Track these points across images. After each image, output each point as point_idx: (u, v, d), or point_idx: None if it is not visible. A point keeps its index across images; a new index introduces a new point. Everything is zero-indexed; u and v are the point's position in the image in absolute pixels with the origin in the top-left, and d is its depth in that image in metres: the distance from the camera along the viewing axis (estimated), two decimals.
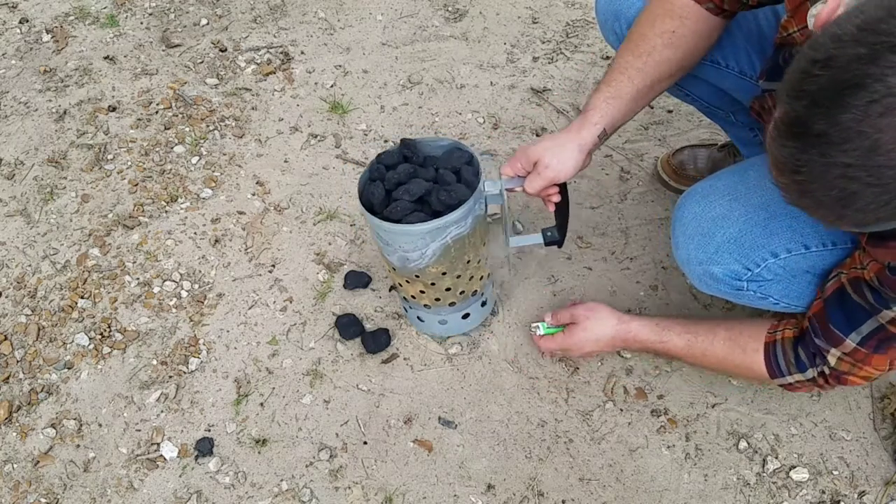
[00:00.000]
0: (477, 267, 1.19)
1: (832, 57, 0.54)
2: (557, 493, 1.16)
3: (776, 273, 0.95)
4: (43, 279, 1.48)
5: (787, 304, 1.01)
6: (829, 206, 0.60)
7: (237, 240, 1.53)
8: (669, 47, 1.00)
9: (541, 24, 1.97)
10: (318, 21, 2.04)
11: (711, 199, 0.98)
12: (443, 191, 1.08)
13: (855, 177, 0.56)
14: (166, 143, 1.72)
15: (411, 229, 1.03)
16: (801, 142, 0.58)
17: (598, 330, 1.16)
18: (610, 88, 1.03)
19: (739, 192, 0.97)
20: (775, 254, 0.94)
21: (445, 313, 1.25)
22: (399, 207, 1.07)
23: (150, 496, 1.18)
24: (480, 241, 1.16)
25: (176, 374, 1.32)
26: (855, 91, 0.53)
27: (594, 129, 1.03)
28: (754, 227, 0.94)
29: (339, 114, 1.77)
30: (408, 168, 1.11)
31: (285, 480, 1.19)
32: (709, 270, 0.98)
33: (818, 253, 0.94)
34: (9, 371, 1.34)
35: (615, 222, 1.52)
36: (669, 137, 1.67)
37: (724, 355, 1.06)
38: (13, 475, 1.22)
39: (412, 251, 1.07)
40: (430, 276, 1.14)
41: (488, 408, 1.26)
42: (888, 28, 0.52)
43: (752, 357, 1.02)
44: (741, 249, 0.95)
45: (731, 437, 1.21)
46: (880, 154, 0.54)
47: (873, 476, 1.15)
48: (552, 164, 1.02)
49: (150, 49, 1.97)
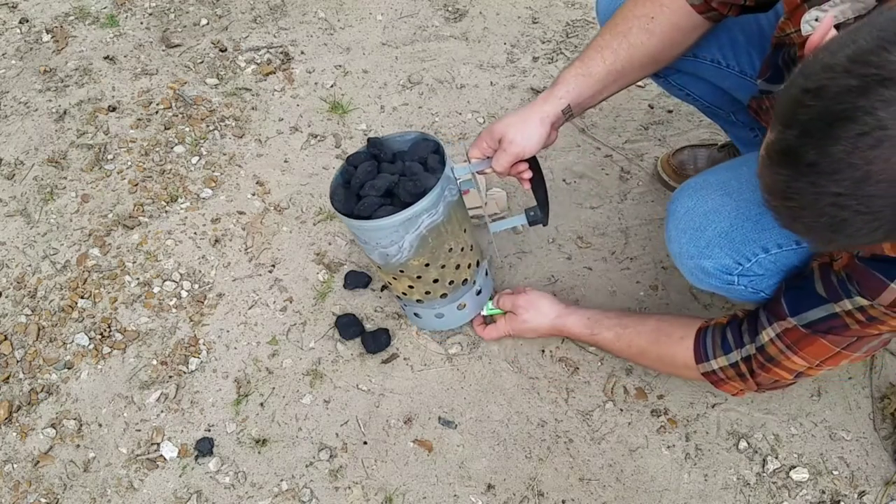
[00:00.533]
0: (461, 255, 1.17)
1: (823, 87, 0.55)
2: (557, 493, 1.16)
3: (767, 268, 0.95)
4: (43, 279, 1.48)
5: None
6: (819, 232, 0.61)
7: (237, 240, 1.53)
8: (645, 32, 1.00)
9: (541, 24, 1.97)
10: (318, 21, 2.04)
11: (704, 194, 0.99)
12: (409, 181, 1.07)
13: (846, 205, 0.57)
14: (166, 143, 1.72)
15: (382, 223, 1.03)
16: (792, 170, 0.59)
17: (535, 322, 1.23)
18: (583, 65, 1.03)
19: (732, 188, 0.97)
20: (766, 249, 0.94)
21: (440, 306, 1.24)
22: (367, 203, 1.07)
23: (150, 496, 1.18)
24: (459, 228, 1.14)
25: (176, 374, 1.32)
26: (845, 123, 0.54)
27: (558, 103, 1.02)
28: (745, 222, 0.94)
29: (339, 114, 1.77)
30: (368, 166, 1.11)
31: (285, 480, 1.19)
32: (700, 264, 0.98)
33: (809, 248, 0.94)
34: (9, 371, 1.34)
35: (615, 222, 1.52)
36: (669, 137, 1.67)
37: (648, 344, 1.09)
38: (13, 475, 1.22)
39: (389, 246, 1.07)
40: (413, 270, 1.13)
41: (488, 408, 1.26)
42: (878, 60, 0.52)
43: (679, 344, 1.04)
44: (732, 244, 0.95)
45: (731, 437, 1.21)
46: (870, 185, 0.55)
47: (873, 476, 1.16)
48: (516, 139, 1.02)
49: (150, 49, 1.97)
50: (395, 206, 1.07)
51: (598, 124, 1.72)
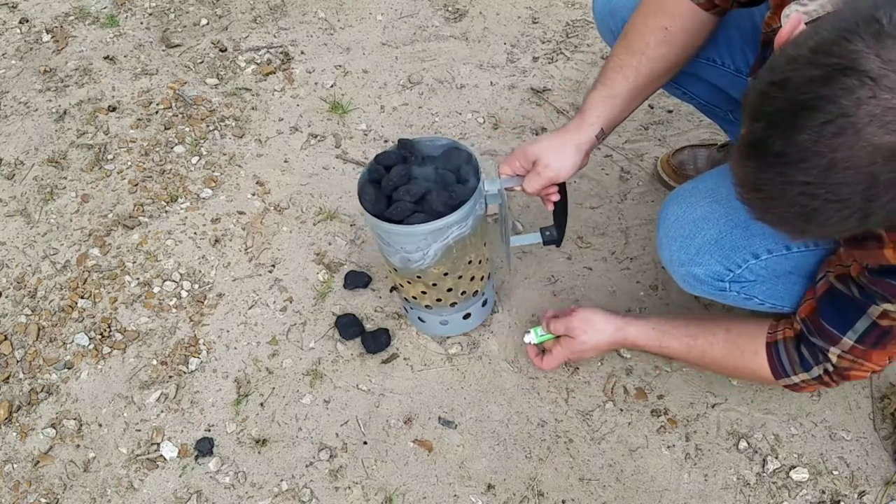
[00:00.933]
0: (478, 267, 1.19)
1: (787, 79, 0.56)
2: (557, 493, 1.16)
3: (759, 274, 0.95)
4: (43, 279, 1.48)
5: (773, 305, 1.01)
6: (791, 222, 0.62)
7: (237, 240, 1.53)
8: (663, 45, 1.01)
9: (541, 24, 1.98)
10: (318, 21, 2.04)
11: (693, 201, 0.99)
12: (444, 191, 1.08)
13: (815, 194, 0.57)
14: (166, 143, 1.72)
15: (413, 230, 1.03)
16: (760, 162, 0.59)
17: (594, 340, 1.15)
18: (606, 87, 1.03)
19: (721, 195, 0.97)
20: (756, 255, 0.94)
21: (447, 314, 1.25)
22: (400, 208, 1.07)
23: (150, 496, 1.18)
24: (481, 242, 1.16)
25: (176, 374, 1.32)
26: (810, 113, 0.54)
27: (592, 130, 1.03)
28: (734, 229, 0.94)
29: (339, 114, 1.77)
30: (402, 170, 1.11)
31: (285, 480, 1.19)
32: (691, 271, 0.98)
33: (800, 253, 0.94)
34: (9, 371, 1.34)
35: (615, 222, 1.52)
36: (669, 137, 1.67)
37: (722, 357, 1.06)
38: (13, 475, 1.22)
39: (414, 252, 1.07)
40: (431, 277, 1.14)
41: (488, 408, 1.26)
42: (840, 50, 0.53)
43: (753, 359, 1.02)
44: (722, 251, 0.95)
45: (731, 437, 1.21)
46: (837, 172, 0.55)
47: (873, 476, 1.16)
48: (552, 163, 1.02)
49: (150, 49, 1.97)
50: (426, 213, 1.08)
51: None
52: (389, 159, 1.14)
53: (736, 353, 1.04)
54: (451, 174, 1.11)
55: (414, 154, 1.14)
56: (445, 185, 1.10)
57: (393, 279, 1.22)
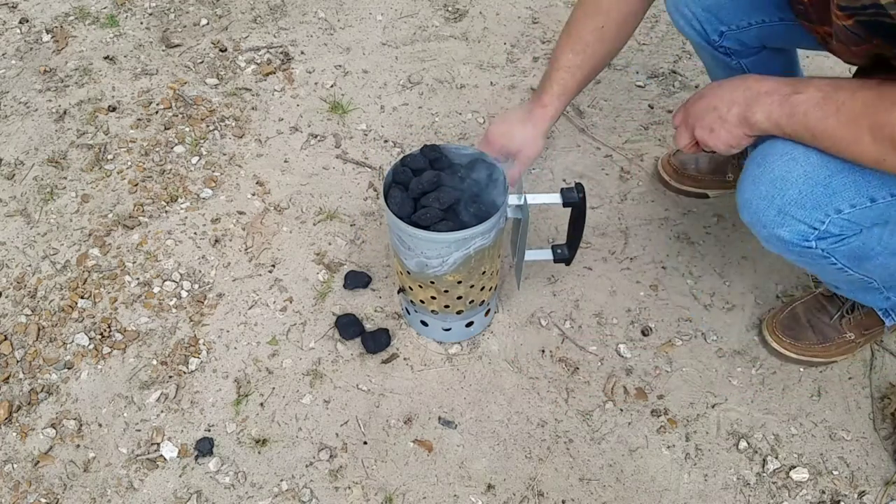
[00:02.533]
0: (490, 278, 1.20)
1: None
2: (557, 493, 1.16)
3: (843, 227, 0.95)
4: (43, 279, 1.48)
5: (851, 274, 1.03)
6: None
7: (237, 240, 1.53)
8: (601, 41, 1.12)
9: (541, 24, 1.98)
10: (318, 21, 2.04)
11: (770, 161, 0.96)
12: (472, 202, 1.10)
13: None
14: (166, 143, 1.72)
15: (439, 237, 1.04)
16: None
17: (723, 92, 0.97)
18: (558, 86, 1.14)
19: (797, 153, 0.94)
20: (839, 210, 0.93)
21: (451, 321, 1.26)
22: (428, 215, 1.08)
23: (150, 496, 1.18)
24: (497, 253, 1.17)
25: (176, 374, 1.32)
26: None
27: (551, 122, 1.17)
28: (815, 187, 0.92)
29: (339, 114, 1.77)
30: (432, 176, 1.12)
31: (285, 480, 1.19)
32: (774, 233, 0.97)
33: (886, 203, 0.92)
34: (9, 371, 1.34)
35: (615, 222, 1.52)
36: (669, 137, 1.67)
37: (863, 109, 0.85)
38: (13, 475, 1.22)
39: (434, 258, 1.08)
40: (444, 284, 1.15)
41: (488, 408, 1.26)
42: None
43: None
44: (804, 209, 0.94)
45: (731, 437, 1.21)
46: None
47: (873, 476, 1.16)
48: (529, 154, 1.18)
49: (150, 49, 1.97)
50: (451, 220, 1.09)
51: (598, 124, 1.73)
52: (416, 163, 1.15)
53: (879, 105, 0.84)
54: (477, 184, 1.13)
55: (440, 160, 1.15)
56: (473, 196, 1.12)
57: (402, 281, 1.22)
